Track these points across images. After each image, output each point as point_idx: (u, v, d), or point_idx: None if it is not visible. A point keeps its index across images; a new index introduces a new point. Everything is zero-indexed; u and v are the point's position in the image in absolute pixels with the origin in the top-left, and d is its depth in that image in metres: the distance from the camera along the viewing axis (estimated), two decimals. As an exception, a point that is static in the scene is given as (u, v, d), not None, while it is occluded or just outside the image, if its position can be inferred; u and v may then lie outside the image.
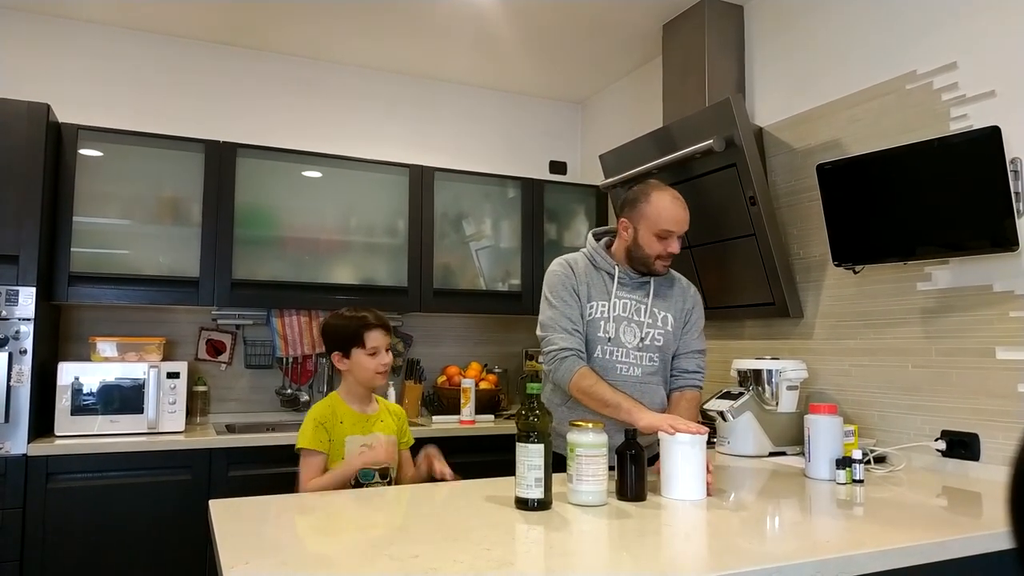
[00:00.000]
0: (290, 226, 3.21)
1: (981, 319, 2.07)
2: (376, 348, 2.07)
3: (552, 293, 2.00)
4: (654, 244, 1.96)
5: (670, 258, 2.00)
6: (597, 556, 1.23)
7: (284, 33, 3.37)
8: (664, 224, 1.94)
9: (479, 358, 3.82)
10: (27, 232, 2.57)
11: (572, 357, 1.92)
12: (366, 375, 2.07)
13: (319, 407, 2.07)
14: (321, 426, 2.01)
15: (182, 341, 3.29)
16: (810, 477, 1.97)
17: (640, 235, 1.98)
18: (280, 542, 1.30)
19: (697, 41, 2.95)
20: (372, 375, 2.07)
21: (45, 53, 3.18)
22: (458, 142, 3.96)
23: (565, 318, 1.96)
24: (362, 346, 2.06)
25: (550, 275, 2.04)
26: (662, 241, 1.96)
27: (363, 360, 2.07)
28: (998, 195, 1.89)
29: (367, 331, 2.07)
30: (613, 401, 1.83)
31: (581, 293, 1.99)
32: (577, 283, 2.00)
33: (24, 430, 2.50)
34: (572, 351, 1.93)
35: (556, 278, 2.02)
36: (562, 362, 1.92)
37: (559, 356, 1.93)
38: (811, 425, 1.98)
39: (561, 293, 1.98)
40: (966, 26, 2.14)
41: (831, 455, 1.94)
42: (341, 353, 2.08)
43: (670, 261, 2.01)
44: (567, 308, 1.97)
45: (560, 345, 1.93)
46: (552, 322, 1.97)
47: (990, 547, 1.40)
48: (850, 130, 2.50)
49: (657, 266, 2.00)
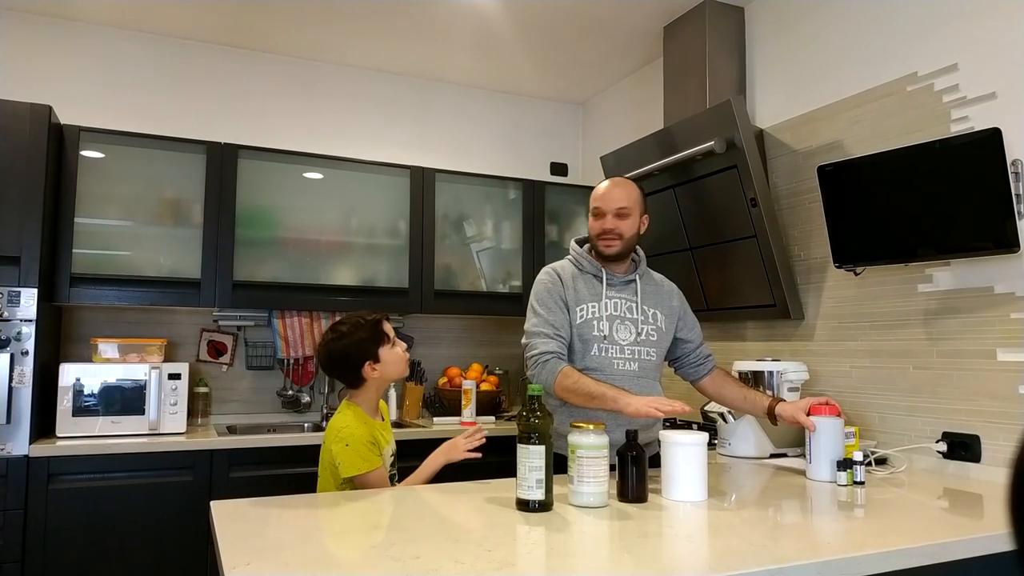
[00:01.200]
0: (291, 227, 3.21)
1: (982, 321, 2.07)
2: (392, 336, 2.05)
3: (538, 302, 2.02)
4: (593, 224, 2.06)
5: (609, 237, 2.02)
6: (598, 557, 1.23)
7: (286, 35, 3.38)
8: (595, 201, 2.06)
9: (480, 359, 3.82)
10: (29, 233, 2.57)
11: (553, 359, 1.93)
12: (399, 367, 2.03)
13: (358, 426, 1.92)
14: (373, 443, 1.93)
15: (183, 342, 3.29)
16: (811, 479, 1.96)
17: (589, 221, 2.09)
18: (281, 543, 1.30)
19: (698, 42, 2.95)
20: (403, 363, 2.05)
21: (47, 55, 3.18)
22: (459, 143, 3.96)
23: (548, 324, 1.97)
24: (386, 340, 2.01)
25: (536, 284, 2.06)
26: (597, 219, 2.04)
27: (391, 354, 2.01)
28: (999, 197, 1.90)
29: (382, 323, 2.03)
30: (598, 392, 1.84)
31: (569, 299, 2.01)
32: (564, 290, 2.02)
33: (26, 431, 2.50)
34: (552, 353, 1.94)
35: (542, 287, 2.04)
36: (544, 365, 1.93)
37: (540, 360, 1.94)
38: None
39: (546, 301, 2.01)
40: (967, 28, 2.14)
41: (832, 457, 1.93)
42: (372, 361, 1.98)
43: (614, 243, 2.02)
44: (551, 315, 1.98)
45: (541, 349, 1.95)
46: (535, 328, 1.99)
47: (992, 549, 1.40)
48: (851, 132, 2.50)
49: (600, 245, 2.04)
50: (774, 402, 2.03)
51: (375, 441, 1.94)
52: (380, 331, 2.01)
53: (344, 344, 1.97)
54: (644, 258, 2.16)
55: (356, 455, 1.87)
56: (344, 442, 1.89)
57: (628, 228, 2.02)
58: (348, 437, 1.89)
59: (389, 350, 2.01)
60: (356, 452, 1.88)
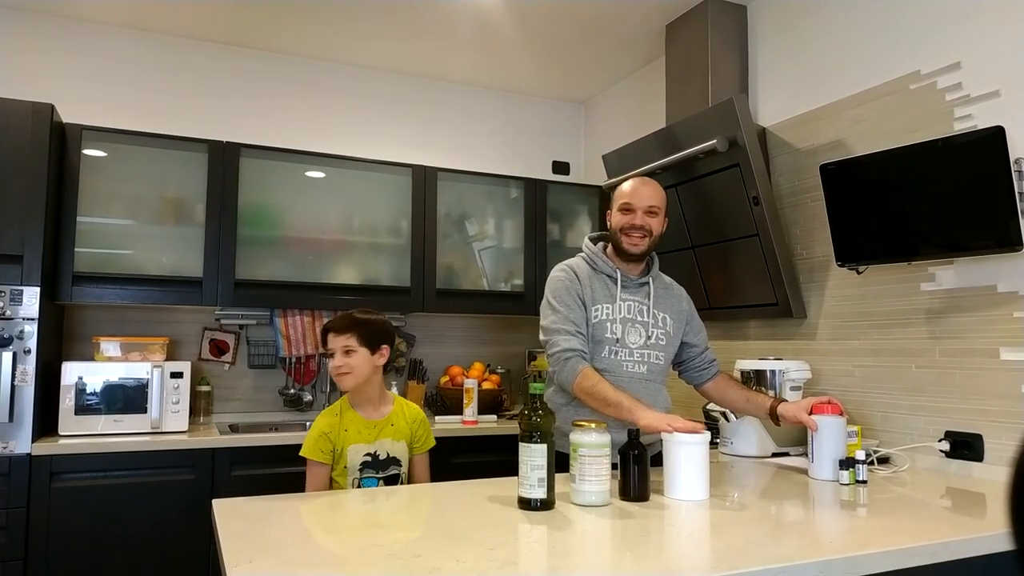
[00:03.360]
0: (293, 226, 3.21)
1: (985, 319, 2.06)
2: (332, 350, 2.08)
3: (556, 298, 2.01)
4: (618, 218, 2.04)
5: (638, 235, 2.01)
6: (600, 556, 1.23)
7: (288, 34, 3.38)
8: (624, 197, 2.04)
9: (482, 358, 3.82)
10: (31, 232, 2.57)
11: (576, 358, 1.93)
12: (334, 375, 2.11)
13: (327, 416, 2.06)
14: (325, 436, 2.00)
15: (185, 341, 3.30)
16: (813, 478, 1.96)
17: (612, 215, 2.07)
18: (283, 542, 1.30)
19: (700, 41, 2.95)
20: (335, 376, 2.11)
21: (49, 53, 3.19)
22: (461, 142, 3.96)
23: (569, 321, 1.97)
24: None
25: (553, 281, 2.05)
26: (625, 215, 2.03)
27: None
28: (1002, 195, 1.89)
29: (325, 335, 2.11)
30: (614, 400, 1.84)
31: (585, 297, 2.01)
32: (581, 288, 2.01)
33: (28, 429, 2.51)
34: (576, 352, 1.94)
35: (559, 283, 2.03)
36: (566, 363, 1.93)
37: (563, 357, 1.94)
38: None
39: (565, 298, 2.00)
40: (970, 26, 2.14)
41: (834, 456, 1.93)
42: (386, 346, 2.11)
43: (641, 242, 2.02)
44: (571, 312, 1.98)
45: (564, 346, 1.94)
46: (556, 325, 1.98)
47: (995, 548, 1.40)
48: (854, 130, 2.50)
49: (624, 243, 2.03)
50: (776, 402, 2.03)
51: (328, 435, 2.02)
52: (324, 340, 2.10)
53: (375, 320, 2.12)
54: (658, 260, 2.16)
55: (309, 439, 2.02)
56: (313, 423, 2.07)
57: (656, 227, 2.04)
58: (315, 421, 2.06)
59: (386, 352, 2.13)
60: (309, 436, 2.03)
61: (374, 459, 2.05)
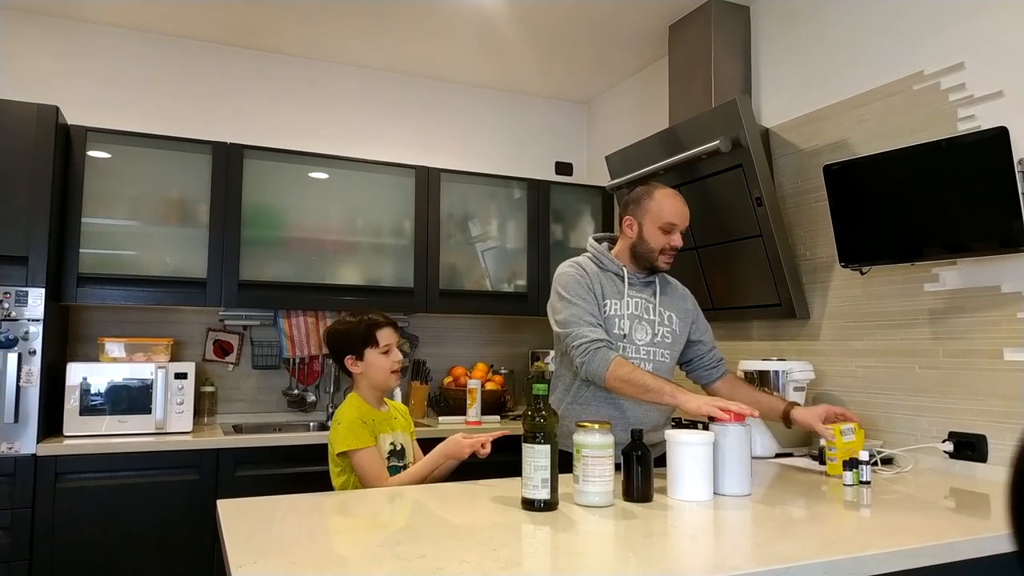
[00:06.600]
0: (297, 227, 3.22)
1: (989, 320, 2.06)
2: (389, 346, 2.08)
3: (569, 292, 1.99)
4: (659, 237, 2.01)
5: (672, 253, 2.03)
6: (603, 557, 1.23)
7: (291, 35, 3.39)
8: (667, 217, 2.00)
9: (485, 359, 3.83)
10: (36, 233, 2.58)
11: (604, 347, 1.90)
12: (381, 375, 2.07)
13: (350, 408, 2.03)
14: (361, 422, 1.99)
15: (189, 342, 3.31)
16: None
17: (645, 230, 2.02)
18: (288, 542, 1.30)
19: (703, 41, 2.95)
20: (387, 374, 2.07)
21: (54, 55, 3.20)
22: (464, 143, 3.96)
23: (588, 313, 1.96)
24: (375, 345, 2.06)
25: (563, 276, 2.04)
26: (666, 235, 2.01)
27: (378, 360, 2.06)
28: (1006, 196, 1.89)
29: (379, 329, 2.07)
30: (655, 386, 1.82)
31: (596, 292, 2.01)
32: (591, 282, 2.01)
33: (33, 430, 2.52)
34: (603, 342, 1.91)
35: (571, 278, 2.02)
36: (596, 352, 1.89)
37: (591, 347, 1.90)
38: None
39: (579, 291, 1.99)
40: (974, 26, 2.14)
41: (739, 470, 1.89)
42: (354, 356, 2.07)
43: (672, 258, 2.04)
44: (587, 304, 1.97)
45: (591, 336, 1.91)
46: (575, 318, 1.95)
47: (999, 549, 1.40)
48: (857, 130, 2.49)
49: (660, 261, 2.02)
50: (789, 406, 2.03)
51: (363, 420, 2.00)
52: (371, 334, 2.07)
53: (338, 331, 2.10)
54: None
55: (347, 432, 1.97)
56: (337, 422, 2.01)
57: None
58: (340, 418, 2.02)
59: (376, 354, 2.07)
60: (347, 429, 1.98)
61: (396, 449, 2.08)
